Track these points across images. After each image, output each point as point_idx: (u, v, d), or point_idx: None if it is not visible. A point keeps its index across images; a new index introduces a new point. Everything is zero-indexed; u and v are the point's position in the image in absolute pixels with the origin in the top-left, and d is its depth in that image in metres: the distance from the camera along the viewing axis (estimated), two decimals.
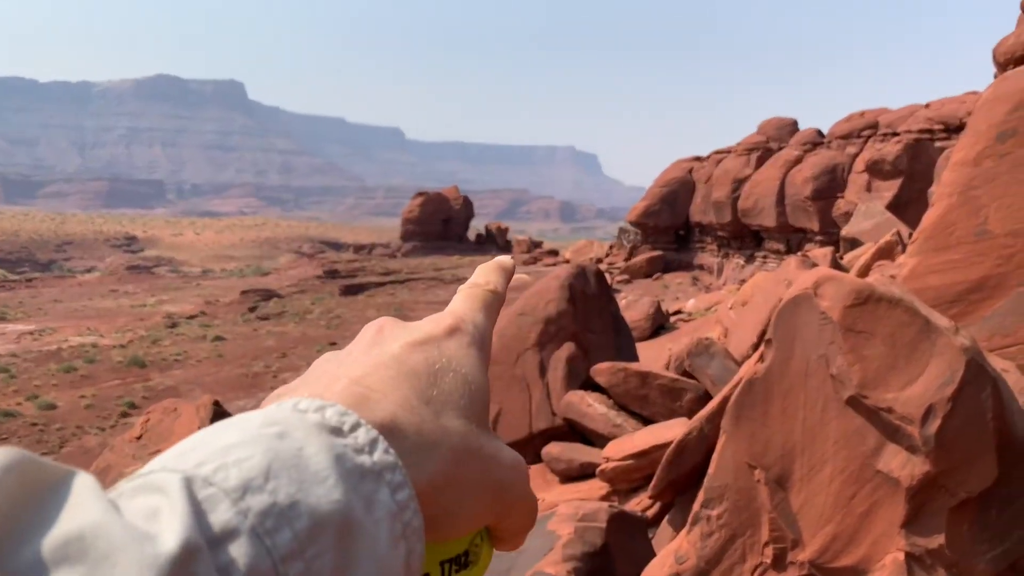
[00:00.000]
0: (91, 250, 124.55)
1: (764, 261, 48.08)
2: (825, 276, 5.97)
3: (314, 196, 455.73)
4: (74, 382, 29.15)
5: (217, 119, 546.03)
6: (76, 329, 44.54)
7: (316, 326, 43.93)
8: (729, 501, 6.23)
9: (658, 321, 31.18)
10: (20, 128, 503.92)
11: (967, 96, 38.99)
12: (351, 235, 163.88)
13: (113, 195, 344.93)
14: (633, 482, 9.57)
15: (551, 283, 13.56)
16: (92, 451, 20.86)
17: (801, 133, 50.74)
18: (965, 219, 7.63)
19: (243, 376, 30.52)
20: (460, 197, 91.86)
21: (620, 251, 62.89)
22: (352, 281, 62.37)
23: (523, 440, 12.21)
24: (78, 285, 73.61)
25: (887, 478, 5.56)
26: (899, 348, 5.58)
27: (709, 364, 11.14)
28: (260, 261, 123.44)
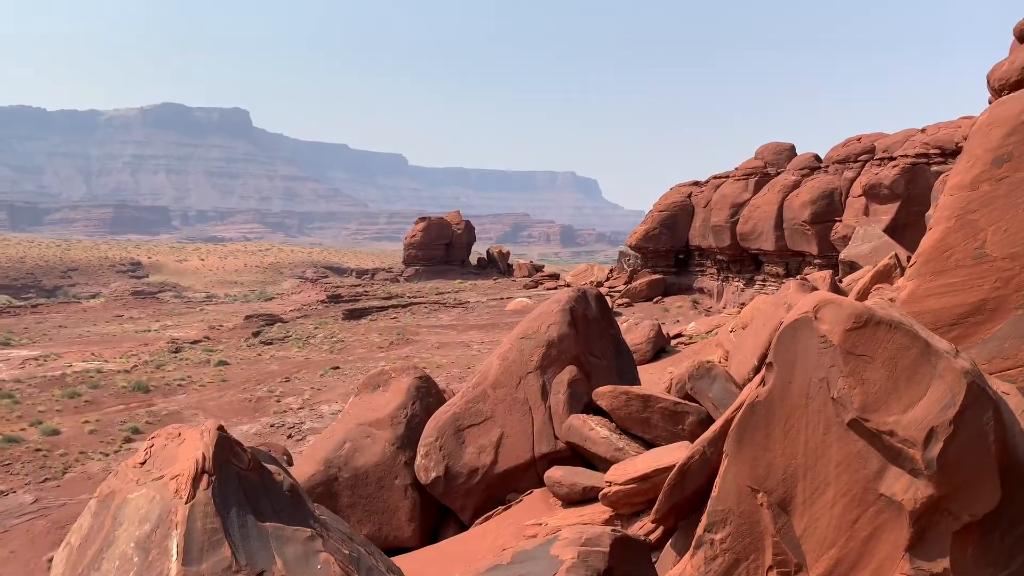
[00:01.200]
0: (96, 276, 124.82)
1: (764, 284, 48.09)
2: (824, 300, 6.02)
3: (318, 222, 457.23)
4: (78, 407, 29.11)
5: (222, 146, 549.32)
6: (80, 354, 44.56)
7: (319, 350, 43.92)
8: (732, 525, 6.23)
9: (659, 344, 31.15)
10: (27, 156, 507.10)
11: (962, 121, 39.24)
12: (354, 260, 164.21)
13: (118, 222, 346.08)
14: (636, 506, 9.53)
15: (552, 306, 13.60)
16: (95, 477, 20.78)
17: (799, 158, 50.97)
18: (963, 242, 7.69)
19: (247, 401, 30.47)
20: (462, 222, 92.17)
21: (620, 275, 62.94)
22: (355, 305, 62.41)
23: (525, 464, 12.18)
24: (83, 311, 73.71)
25: (890, 501, 5.56)
26: (899, 371, 5.61)
27: (711, 387, 11.14)
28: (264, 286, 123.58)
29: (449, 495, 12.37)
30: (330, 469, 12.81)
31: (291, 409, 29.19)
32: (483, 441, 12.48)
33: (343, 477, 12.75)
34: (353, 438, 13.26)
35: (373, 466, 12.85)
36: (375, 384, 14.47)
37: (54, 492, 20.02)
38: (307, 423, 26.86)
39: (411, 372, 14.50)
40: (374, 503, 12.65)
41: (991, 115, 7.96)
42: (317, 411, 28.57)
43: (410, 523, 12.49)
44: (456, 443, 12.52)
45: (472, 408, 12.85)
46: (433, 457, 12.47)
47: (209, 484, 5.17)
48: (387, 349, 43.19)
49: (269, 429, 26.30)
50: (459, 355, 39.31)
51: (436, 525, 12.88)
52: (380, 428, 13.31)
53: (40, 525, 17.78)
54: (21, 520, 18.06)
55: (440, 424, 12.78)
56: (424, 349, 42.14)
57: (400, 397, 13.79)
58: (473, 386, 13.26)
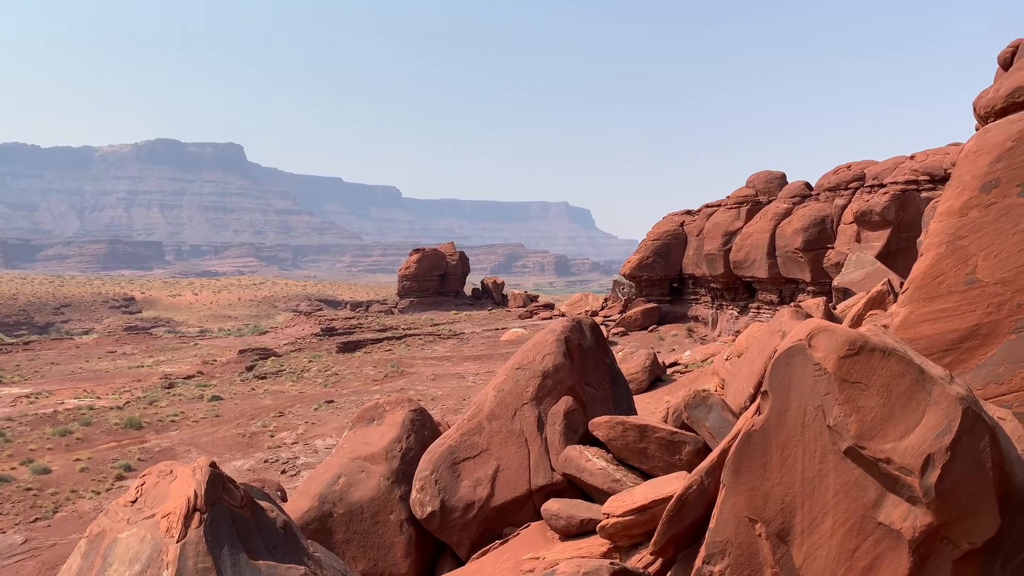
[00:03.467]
0: (89, 312, 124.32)
1: (758, 312, 48.18)
2: (818, 327, 6.02)
3: (312, 254, 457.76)
4: (69, 445, 28.80)
5: (216, 181, 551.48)
6: (72, 391, 44.18)
7: (313, 384, 43.67)
8: (731, 557, 6.16)
9: (655, 373, 31.08)
10: (21, 193, 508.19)
11: (951, 147, 39.73)
12: (349, 292, 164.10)
13: (112, 257, 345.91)
14: (634, 538, 9.42)
15: (547, 336, 13.56)
16: (86, 516, 20.48)
17: (790, 186, 51.43)
18: (954, 268, 7.72)
19: (240, 436, 30.19)
20: (456, 253, 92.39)
21: (615, 304, 63.02)
22: (349, 338, 62.24)
23: (522, 497, 12.05)
24: (75, 347, 73.26)
25: (889, 530, 5.51)
26: (895, 398, 5.59)
27: (707, 416, 11.08)
28: (258, 320, 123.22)
29: (445, 530, 12.22)
30: (324, 505, 12.65)
31: (285, 444, 28.93)
32: (479, 474, 12.36)
33: (338, 513, 12.59)
34: (347, 473, 13.11)
35: (368, 501, 12.70)
36: (369, 417, 14.35)
37: (44, 532, 19.71)
38: (301, 458, 26.60)
39: (406, 405, 14.40)
40: (369, 539, 12.48)
41: (978, 142, 8.05)
42: (311, 446, 28.32)
43: (406, 559, 12.31)
44: (452, 476, 12.40)
45: (467, 441, 12.74)
46: (429, 491, 12.33)
47: (201, 522, 5.10)
48: (382, 382, 42.96)
49: (263, 464, 26.04)
50: (454, 387, 39.12)
51: (432, 560, 12.70)
52: (375, 462, 13.18)
53: (30, 566, 17.48)
54: (11, 561, 17.75)
55: (435, 457, 12.66)
56: (419, 381, 41.94)
57: (395, 430, 13.67)
58: (468, 418, 13.17)
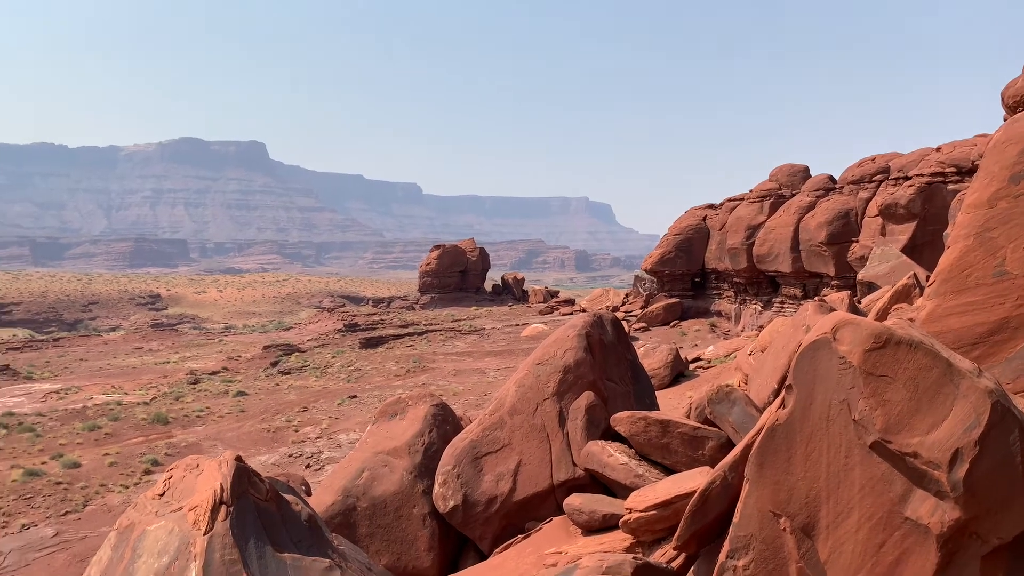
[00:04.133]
0: (116, 309, 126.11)
1: (782, 306, 47.75)
2: (843, 320, 5.96)
3: (334, 251, 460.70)
4: (98, 440, 29.26)
5: (239, 179, 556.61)
6: (101, 387, 44.88)
7: (337, 379, 43.99)
8: (755, 551, 6.12)
9: (677, 368, 30.93)
10: (49, 192, 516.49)
11: (978, 138, 39.07)
12: (371, 289, 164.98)
13: (138, 255, 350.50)
14: (657, 533, 9.40)
15: (568, 332, 13.54)
16: (115, 509, 20.81)
17: (813, 179, 50.87)
18: (982, 260, 7.60)
19: (265, 431, 30.50)
20: (476, 249, 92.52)
21: (636, 299, 62.76)
22: (372, 334, 62.60)
23: (544, 491, 12.07)
24: (103, 343, 74.36)
25: (916, 525, 5.45)
26: (922, 391, 5.52)
27: (730, 411, 11.01)
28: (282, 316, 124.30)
29: (468, 524, 12.26)
30: (348, 499, 12.75)
31: (309, 439, 29.17)
32: (501, 469, 12.39)
33: (361, 507, 12.69)
34: (371, 467, 13.21)
35: (391, 495, 12.79)
36: (392, 412, 14.44)
37: (75, 525, 20.06)
38: (325, 452, 26.82)
39: (428, 400, 14.46)
40: (392, 533, 12.57)
41: (1006, 132, 7.91)
42: (335, 440, 28.54)
43: (429, 553, 12.38)
44: (474, 471, 12.44)
45: (489, 435, 12.78)
46: (451, 485, 12.38)
47: (227, 515, 5.16)
48: (404, 377, 43.18)
49: (287, 459, 26.29)
50: (475, 382, 39.22)
51: (455, 554, 12.75)
52: (398, 457, 13.27)
53: (61, 559, 17.80)
54: (42, 553, 18.09)
55: (457, 452, 12.71)
56: (440, 376, 42.09)
57: (417, 425, 13.75)
58: (490, 413, 13.20)
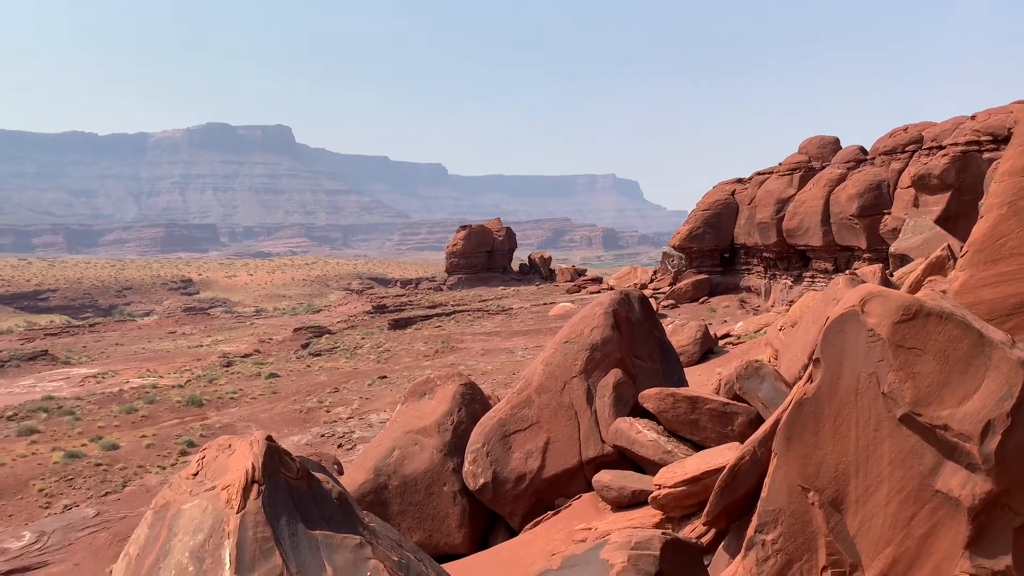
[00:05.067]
0: (149, 294, 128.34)
1: (812, 281, 47.17)
2: (871, 293, 5.88)
3: (361, 233, 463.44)
4: (135, 422, 29.95)
5: (266, 163, 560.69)
6: (137, 371, 45.85)
7: (366, 360, 44.45)
8: (784, 525, 6.11)
9: (706, 345, 30.77)
10: (80, 180, 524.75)
11: (1015, 105, 37.99)
12: (398, 270, 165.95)
13: (169, 240, 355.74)
14: (686, 509, 9.42)
15: (595, 310, 13.53)
16: (153, 490, 21.34)
17: (844, 151, 49.94)
18: (1017, 230, 7.44)
19: (297, 412, 30.98)
20: (503, 229, 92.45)
21: (665, 276, 62.38)
22: (400, 315, 63.05)
23: (573, 468, 12.14)
24: (138, 328, 75.81)
25: (947, 498, 5.40)
26: (952, 363, 5.45)
27: (760, 387, 10.95)
28: (311, 299, 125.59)
29: (498, 501, 12.39)
30: (379, 477, 12.94)
31: (340, 419, 29.57)
32: (530, 446, 12.48)
33: (392, 485, 12.87)
34: (401, 446, 13.37)
35: (422, 473, 12.95)
36: (421, 392, 14.58)
37: (115, 505, 20.60)
38: (356, 432, 27.17)
39: (456, 379, 14.57)
40: (423, 510, 12.74)
41: None
42: (366, 420, 28.89)
43: (460, 529, 12.54)
44: (503, 449, 12.54)
45: (518, 414, 12.86)
46: (481, 463, 12.50)
47: (259, 494, 5.26)
48: (432, 357, 43.49)
49: (320, 439, 26.69)
50: (503, 361, 39.38)
51: (486, 531, 12.90)
52: (427, 435, 13.41)
53: (102, 538, 18.32)
54: (84, 533, 18.63)
55: (486, 430, 12.81)
56: (469, 356, 42.32)
57: (446, 404, 13.87)
58: (518, 391, 13.27)
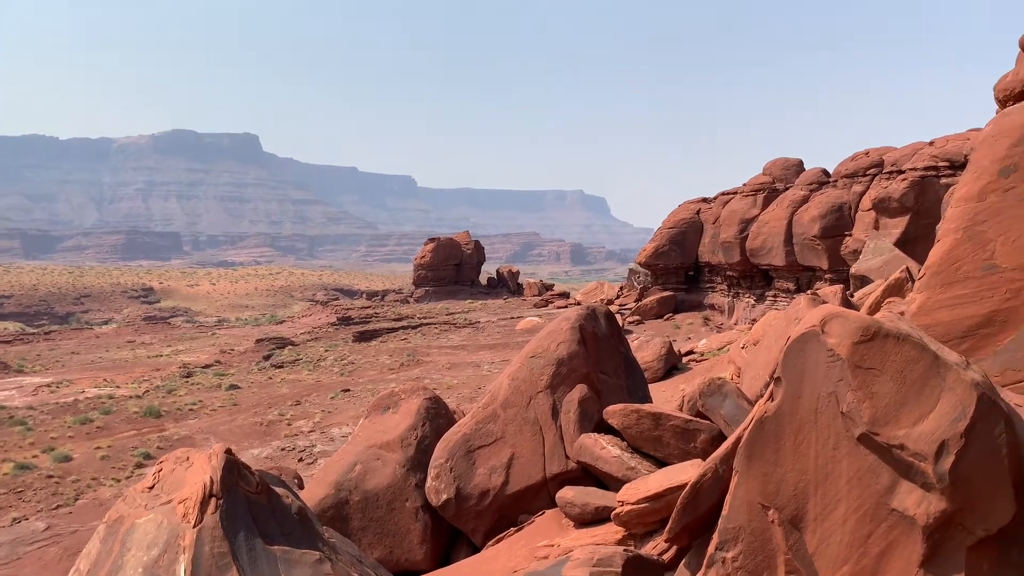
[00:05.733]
0: (108, 302, 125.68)
1: (774, 300, 47.90)
2: (831, 313, 5.98)
3: (328, 244, 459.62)
4: (90, 433, 29.21)
5: (232, 171, 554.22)
6: (93, 380, 44.77)
7: (330, 373, 43.97)
8: (744, 543, 6.16)
9: (670, 362, 31.01)
10: (40, 184, 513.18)
11: (971, 133, 39.16)
12: (364, 282, 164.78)
13: (130, 248, 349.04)
14: (648, 525, 9.44)
15: (562, 324, 13.55)
16: (107, 503, 20.78)
17: (807, 173, 50.95)
18: (972, 254, 7.63)
19: (258, 424, 30.49)
20: (471, 242, 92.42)
21: (631, 292, 62.85)
22: (365, 327, 62.53)
23: (537, 484, 12.10)
24: (95, 337, 74.13)
25: (903, 516, 5.49)
26: (909, 384, 5.56)
27: (722, 404, 11.05)
28: (275, 309, 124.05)
29: (460, 517, 12.29)
30: (340, 492, 12.76)
31: (302, 432, 29.17)
32: (494, 462, 12.42)
33: (353, 500, 12.71)
34: (363, 460, 13.22)
35: (384, 488, 12.80)
36: (385, 406, 14.45)
37: (66, 519, 20.03)
38: (318, 446, 26.82)
39: (421, 393, 14.47)
40: (385, 526, 12.59)
41: (996, 126, 7.94)
42: (328, 434, 28.54)
43: (421, 546, 12.41)
44: (467, 464, 12.46)
45: (482, 429, 12.80)
46: (444, 479, 12.41)
47: (217, 508, 5.16)
48: (397, 371, 43.18)
49: (280, 452, 26.29)
50: (469, 375, 39.25)
51: (448, 547, 12.79)
52: (390, 450, 13.28)
53: (52, 552, 17.78)
54: (33, 547, 18.07)
55: (450, 445, 12.73)
56: (434, 370, 42.10)
57: (410, 419, 13.75)
58: (483, 406, 13.22)
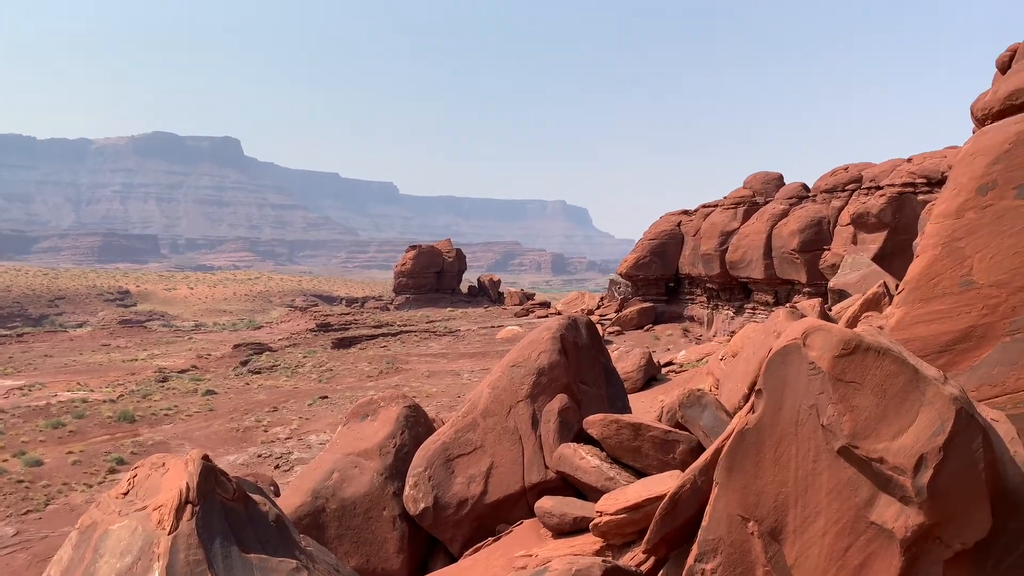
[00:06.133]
0: (84, 305, 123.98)
1: (753, 312, 48.26)
2: (813, 326, 6.02)
3: (308, 250, 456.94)
4: (62, 438, 28.71)
5: (212, 175, 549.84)
6: (66, 384, 44.06)
7: (308, 379, 43.61)
8: (723, 555, 6.16)
9: (650, 372, 31.10)
10: (16, 185, 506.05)
11: (948, 150, 39.81)
12: (344, 288, 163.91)
13: (107, 250, 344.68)
14: (627, 536, 9.43)
15: (543, 334, 13.55)
16: (78, 508, 20.42)
17: (787, 187, 51.48)
18: (950, 270, 7.73)
19: (234, 431, 30.14)
20: (453, 250, 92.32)
21: (611, 303, 63.04)
22: (344, 334, 62.16)
23: (516, 494, 12.05)
24: (69, 340, 73.07)
25: (881, 530, 5.52)
26: (889, 398, 5.59)
27: (701, 416, 11.08)
28: (253, 315, 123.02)
29: (438, 526, 12.21)
30: (317, 500, 12.63)
31: (279, 439, 28.88)
32: (473, 471, 12.36)
33: (330, 508, 12.58)
34: (341, 468, 13.10)
35: (361, 497, 12.69)
36: (363, 413, 14.33)
37: (36, 524, 19.65)
38: (295, 453, 26.57)
39: (400, 401, 14.38)
40: (362, 534, 12.47)
41: (975, 144, 8.06)
42: (305, 441, 28.28)
43: (398, 555, 12.31)
44: (445, 473, 12.39)
45: (462, 437, 12.74)
46: (422, 487, 12.32)
47: (193, 515, 5.08)
48: (376, 378, 42.93)
49: (256, 459, 26.00)
50: (449, 384, 39.11)
51: (425, 557, 12.69)
52: (368, 458, 13.17)
53: (21, 559, 17.42)
54: (2, 553, 17.70)
55: (429, 454, 12.65)
56: (414, 378, 41.91)
57: (389, 427, 13.66)
58: (463, 415, 13.16)
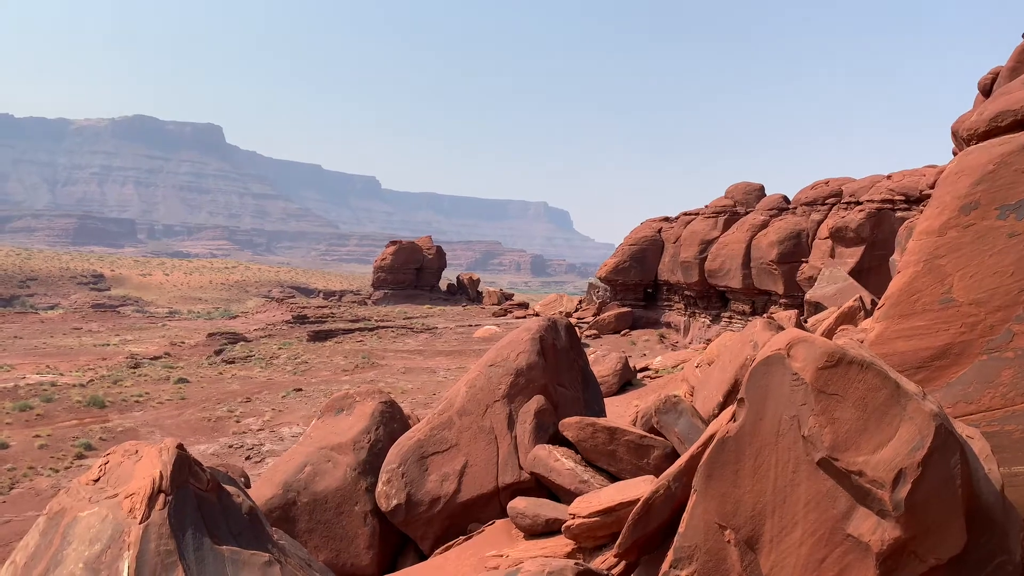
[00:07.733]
0: (56, 287, 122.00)
1: (730, 321, 48.60)
2: (797, 338, 6.04)
3: (287, 241, 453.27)
4: (29, 421, 28.21)
5: (193, 161, 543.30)
6: (35, 367, 43.30)
7: (282, 371, 43.24)
8: (699, 562, 6.16)
9: (625, 377, 31.20)
10: None
11: (926, 169, 40.41)
12: (322, 281, 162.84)
13: (82, 233, 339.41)
14: (599, 539, 9.42)
15: (523, 335, 13.52)
16: (43, 493, 20.06)
17: (768, 198, 51.93)
18: (930, 287, 7.80)
19: (205, 420, 29.79)
20: (433, 247, 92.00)
21: (589, 306, 63.19)
22: (321, 327, 61.72)
23: (489, 494, 12.01)
24: (40, 322, 71.85)
25: (857, 542, 5.54)
26: (870, 411, 5.62)
27: (677, 422, 11.11)
28: (228, 304, 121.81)
29: (410, 523, 12.14)
30: (289, 493, 12.50)
31: (251, 430, 28.60)
32: (447, 469, 12.30)
33: (302, 501, 12.46)
34: (314, 462, 12.98)
35: (333, 491, 12.58)
36: (338, 407, 14.22)
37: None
38: (267, 445, 26.32)
39: (376, 396, 14.28)
40: (333, 529, 12.36)
41: (960, 164, 8.15)
42: (277, 433, 28.03)
43: (368, 551, 12.21)
44: (419, 470, 12.32)
45: (437, 435, 12.67)
46: (395, 484, 12.24)
47: (165, 504, 4.98)
48: (352, 372, 42.67)
49: (227, 450, 25.72)
50: (425, 381, 38.97)
51: (395, 554, 12.61)
52: (342, 453, 13.06)
53: None
54: None
55: (403, 451, 12.57)
56: (389, 374, 41.71)
57: (364, 422, 13.56)
58: (439, 413, 13.09)
